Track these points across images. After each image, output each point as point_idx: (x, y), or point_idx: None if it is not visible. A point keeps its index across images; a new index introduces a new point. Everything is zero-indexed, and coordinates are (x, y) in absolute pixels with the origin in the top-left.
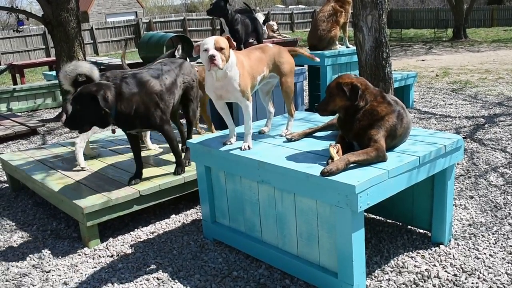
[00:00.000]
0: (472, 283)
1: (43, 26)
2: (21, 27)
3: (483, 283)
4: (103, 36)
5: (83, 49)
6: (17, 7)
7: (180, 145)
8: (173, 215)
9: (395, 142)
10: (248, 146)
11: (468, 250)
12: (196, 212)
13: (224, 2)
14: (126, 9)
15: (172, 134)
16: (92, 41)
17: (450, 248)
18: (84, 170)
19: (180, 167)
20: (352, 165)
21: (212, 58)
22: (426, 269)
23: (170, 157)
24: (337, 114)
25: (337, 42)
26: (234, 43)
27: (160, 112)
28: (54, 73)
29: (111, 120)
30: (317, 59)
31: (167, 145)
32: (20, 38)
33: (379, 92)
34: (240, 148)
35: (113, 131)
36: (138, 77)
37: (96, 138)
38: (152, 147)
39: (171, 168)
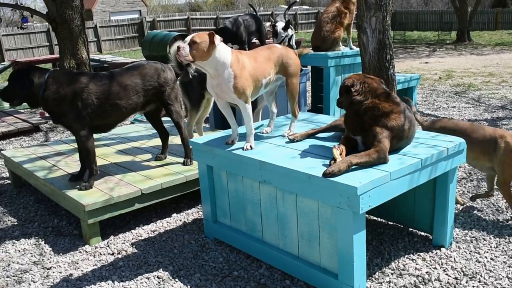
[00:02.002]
0: (473, 286)
1: (47, 23)
2: (25, 24)
3: (484, 286)
4: (107, 34)
5: (87, 47)
6: (21, 4)
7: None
8: (175, 214)
9: (402, 143)
10: (250, 146)
11: (469, 253)
12: (198, 211)
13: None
14: (130, 7)
15: (87, 145)
16: (96, 39)
17: (451, 251)
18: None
19: (86, 186)
20: (354, 166)
21: (177, 48)
22: (427, 272)
23: (172, 155)
24: (341, 116)
25: (340, 43)
26: (219, 38)
27: (76, 115)
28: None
29: (39, 103)
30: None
31: (172, 142)
32: (24, 35)
33: (385, 92)
34: (242, 148)
35: (41, 114)
36: (80, 75)
37: (99, 136)
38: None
39: (173, 167)
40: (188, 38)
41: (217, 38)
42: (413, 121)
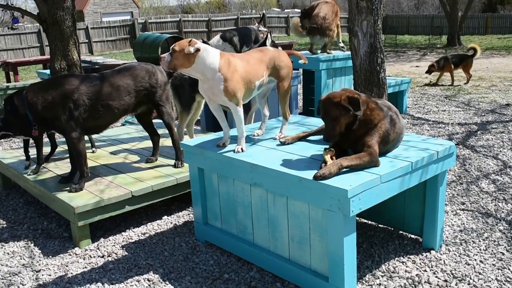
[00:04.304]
0: None
1: (38, 24)
2: (15, 24)
3: None
4: (98, 36)
5: (78, 48)
6: (12, 4)
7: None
8: (165, 217)
9: (388, 147)
10: (242, 149)
11: (459, 256)
12: (188, 214)
13: None
14: (122, 9)
15: (78, 147)
16: (87, 40)
17: (441, 254)
18: None
19: (76, 188)
20: (345, 169)
21: (160, 58)
22: (417, 274)
23: (163, 157)
24: None
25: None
26: (197, 45)
27: (68, 117)
28: (48, 71)
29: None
30: (306, 62)
31: (163, 144)
32: (15, 36)
33: (368, 98)
34: (234, 151)
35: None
36: (64, 78)
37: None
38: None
39: (164, 169)
40: (172, 47)
41: (195, 46)
42: (399, 124)
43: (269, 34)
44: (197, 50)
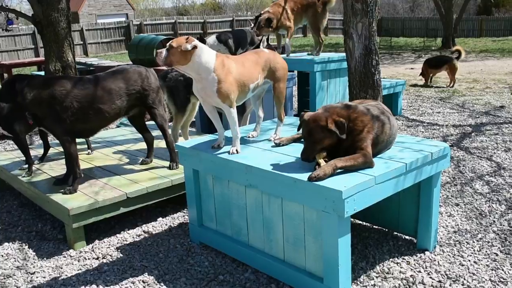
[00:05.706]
0: None
1: (32, 25)
2: (10, 26)
3: None
4: (93, 37)
5: (73, 49)
6: (6, 6)
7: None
8: (160, 218)
9: (379, 148)
10: (236, 150)
11: (453, 256)
12: (183, 216)
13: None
14: (117, 10)
15: (69, 149)
16: (82, 42)
17: (435, 255)
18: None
19: (70, 190)
20: (339, 170)
21: (156, 53)
22: (411, 275)
23: (158, 159)
24: None
25: None
26: (194, 43)
27: (57, 119)
28: (42, 73)
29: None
30: None
31: (157, 146)
32: (9, 37)
33: (346, 108)
34: (228, 152)
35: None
36: (58, 78)
37: (82, 140)
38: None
39: (159, 171)
40: (169, 43)
41: (192, 43)
42: (389, 126)
43: (264, 37)
44: (194, 47)
